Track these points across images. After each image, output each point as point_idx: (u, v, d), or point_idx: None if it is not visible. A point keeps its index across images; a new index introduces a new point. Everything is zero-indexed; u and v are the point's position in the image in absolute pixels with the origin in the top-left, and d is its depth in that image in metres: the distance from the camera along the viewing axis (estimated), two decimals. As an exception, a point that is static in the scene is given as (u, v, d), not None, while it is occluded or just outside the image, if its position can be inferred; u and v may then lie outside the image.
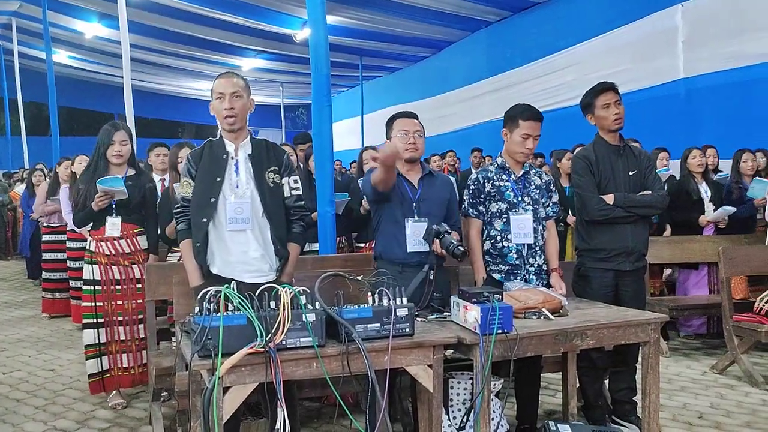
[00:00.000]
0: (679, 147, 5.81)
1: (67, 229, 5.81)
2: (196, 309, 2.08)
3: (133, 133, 5.39)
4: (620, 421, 3.35)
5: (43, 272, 6.62)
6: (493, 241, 3.10)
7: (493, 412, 2.80)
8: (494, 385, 2.80)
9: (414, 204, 2.90)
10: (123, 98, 6.32)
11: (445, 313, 2.69)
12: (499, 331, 2.37)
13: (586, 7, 8.97)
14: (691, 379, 4.29)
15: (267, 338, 2.05)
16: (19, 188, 10.17)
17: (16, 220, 10.84)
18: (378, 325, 2.27)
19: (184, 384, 2.67)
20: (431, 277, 2.82)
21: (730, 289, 4.37)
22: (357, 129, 15.44)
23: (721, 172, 5.64)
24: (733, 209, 5.06)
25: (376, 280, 2.39)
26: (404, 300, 2.32)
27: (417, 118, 3.02)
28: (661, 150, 5.75)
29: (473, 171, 7.77)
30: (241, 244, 2.63)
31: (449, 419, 2.78)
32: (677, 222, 5.28)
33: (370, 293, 2.33)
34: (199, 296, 2.08)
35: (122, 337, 3.72)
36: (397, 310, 2.29)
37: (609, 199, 3.26)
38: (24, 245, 9.01)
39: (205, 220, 2.61)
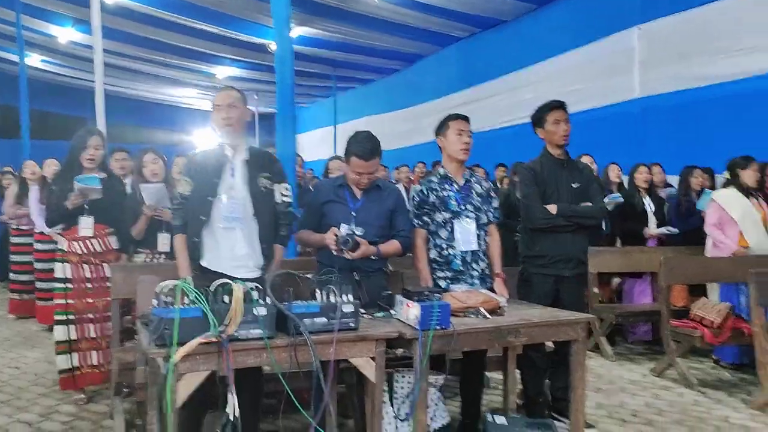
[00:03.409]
0: (633, 163, 6.14)
1: (36, 231, 5.90)
2: (154, 302, 2.25)
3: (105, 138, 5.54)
4: (558, 417, 3.57)
5: (11, 273, 6.68)
6: (438, 249, 3.31)
7: (435, 404, 3.02)
8: (436, 380, 3.00)
9: (352, 213, 3.10)
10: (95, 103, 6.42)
11: (391, 312, 2.89)
12: (438, 327, 2.58)
13: (550, 26, 9.31)
14: (631, 380, 4.55)
15: (220, 329, 2.23)
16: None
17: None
18: (325, 319, 2.46)
19: (144, 377, 2.84)
20: (357, 279, 3.02)
21: (668, 296, 4.66)
22: (330, 139, 15.64)
23: (672, 186, 5.95)
24: (675, 230, 5.37)
25: (324, 279, 2.57)
26: (350, 297, 2.52)
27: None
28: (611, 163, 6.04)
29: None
30: (230, 241, 2.87)
31: (394, 411, 2.98)
32: (625, 233, 5.58)
33: (318, 290, 2.53)
34: (156, 290, 2.25)
35: (92, 335, 3.87)
36: (342, 306, 2.49)
37: (552, 208, 3.51)
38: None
39: (203, 217, 2.86)
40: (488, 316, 2.84)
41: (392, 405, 2.96)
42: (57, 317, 3.87)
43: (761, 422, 3.72)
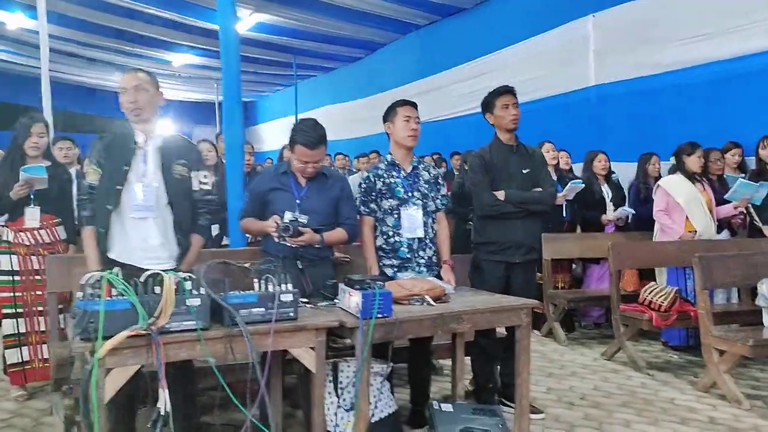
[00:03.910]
0: (587, 150, 6.20)
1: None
2: (79, 294, 2.17)
3: (51, 126, 5.35)
4: (507, 402, 3.59)
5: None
6: (385, 236, 3.28)
7: (381, 393, 2.99)
8: (382, 368, 2.97)
9: (296, 201, 3.03)
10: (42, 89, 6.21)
11: (335, 300, 2.85)
12: (379, 316, 2.54)
13: (507, 14, 9.32)
14: (582, 365, 4.60)
15: (149, 321, 2.15)
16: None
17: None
18: (263, 309, 2.40)
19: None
20: (300, 267, 2.99)
21: (618, 281, 4.72)
22: (290, 128, 15.45)
23: (614, 173, 6.03)
24: (632, 210, 5.46)
25: (262, 268, 2.51)
26: (289, 286, 2.47)
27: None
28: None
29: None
30: (142, 231, 2.75)
31: (339, 400, 2.94)
32: (584, 220, 5.63)
33: (256, 279, 2.47)
34: (81, 281, 2.16)
35: (42, 328, 3.76)
36: (281, 295, 2.43)
37: (500, 195, 3.50)
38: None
39: (110, 207, 2.73)
40: (433, 303, 2.82)
41: (337, 395, 2.92)
42: (5, 311, 3.78)
43: (706, 403, 3.79)
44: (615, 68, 7.48)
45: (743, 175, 5.27)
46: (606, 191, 5.67)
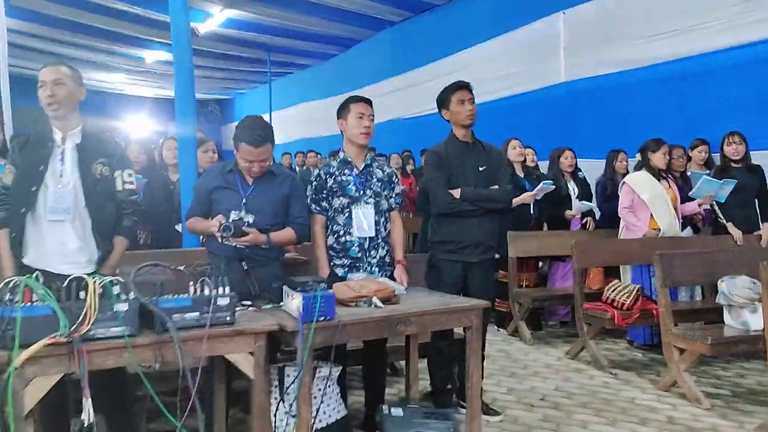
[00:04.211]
0: (559, 146, 6.16)
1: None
2: (-5, 300, 2.05)
3: (9, 122, 5.21)
4: (465, 404, 3.51)
5: None
6: (336, 235, 3.19)
7: (329, 397, 2.90)
8: (331, 372, 2.89)
9: (243, 200, 2.94)
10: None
11: (280, 303, 2.76)
12: (321, 319, 2.46)
13: (479, 11, 9.28)
14: (545, 364, 4.56)
15: (71, 328, 2.04)
16: None
17: None
18: (197, 314, 2.30)
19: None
20: (246, 269, 2.89)
21: (581, 279, 4.69)
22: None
23: (580, 171, 6.00)
24: (590, 204, 5.43)
25: (198, 270, 2.42)
26: (226, 289, 2.37)
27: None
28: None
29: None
30: (58, 235, 2.62)
31: (285, 406, 2.85)
32: (551, 217, 5.59)
33: (191, 283, 2.37)
34: (-1, 286, 2.05)
35: None
36: (217, 299, 2.33)
37: (456, 193, 3.43)
38: None
39: (23, 210, 2.58)
40: (381, 305, 2.74)
41: (283, 400, 2.83)
42: None
43: (666, 403, 3.76)
44: (585, 65, 7.47)
45: (708, 171, 5.27)
46: (572, 188, 5.64)
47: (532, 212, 5.56)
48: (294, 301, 2.49)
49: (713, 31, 6.05)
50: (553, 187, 5.38)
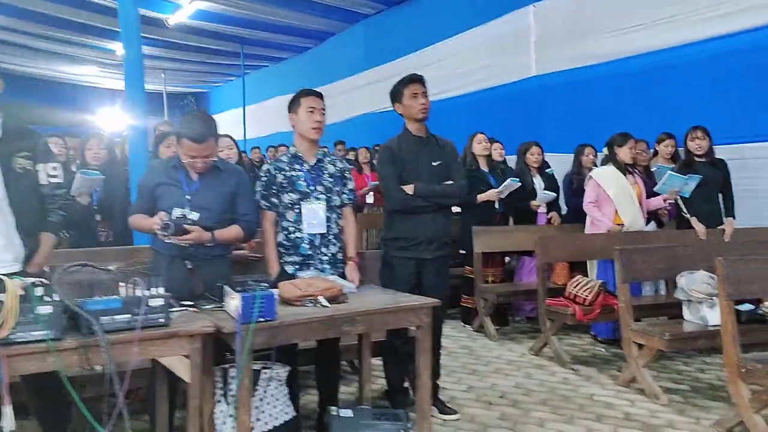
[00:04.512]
0: (530, 140, 6.10)
1: None
2: None
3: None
4: (423, 404, 3.46)
5: None
6: (286, 232, 3.11)
7: (276, 399, 2.82)
8: (278, 373, 2.81)
9: (186, 197, 2.84)
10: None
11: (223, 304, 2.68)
12: (261, 319, 2.38)
13: (452, 4, 9.22)
14: (508, 360, 4.52)
15: (-14, 333, 1.95)
16: None
17: None
18: (128, 316, 2.21)
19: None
20: (190, 267, 2.80)
21: (545, 275, 4.65)
22: (241, 120, 15.13)
23: (549, 168, 5.96)
24: (553, 194, 5.43)
25: (131, 270, 2.33)
26: (160, 290, 2.28)
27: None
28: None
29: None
30: None
31: (229, 409, 2.77)
32: (516, 212, 5.55)
33: (122, 284, 2.28)
34: None
35: None
36: (149, 300, 2.24)
37: (409, 189, 3.36)
38: None
39: None
40: (327, 304, 2.66)
41: (227, 403, 2.75)
42: None
43: (625, 399, 3.74)
44: (555, 58, 7.45)
45: (674, 166, 5.26)
46: (538, 183, 5.60)
47: (497, 207, 5.52)
48: (233, 302, 2.41)
49: (681, 25, 6.04)
50: (519, 184, 5.35)
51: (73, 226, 4.30)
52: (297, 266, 3.09)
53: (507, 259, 5.75)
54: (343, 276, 3.12)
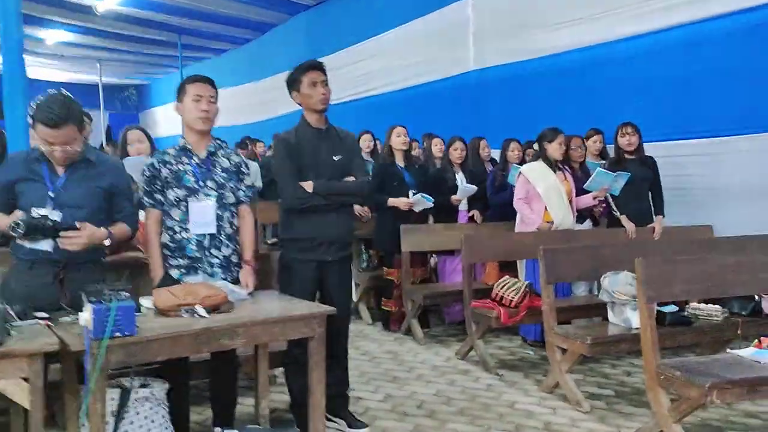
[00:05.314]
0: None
1: None
2: None
3: None
4: (332, 417, 3.20)
5: None
6: (171, 232, 2.80)
7: (152, 422, 2.52)
8: (152, 392, 2.51)
9: (50, 194, 2.51)
10: None
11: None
12: (118, 334, 2.08)
13: (391, -5, 8.99)
14: (432, 366, 4.30)
15: None
16: None
17: None
18: (-51, 334, 1.89)
19: None
20: (61, 276, 2.48)
21: (470, 275, 4.46)
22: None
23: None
24: (474, 187, 5.24)
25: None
26: (-7, 302, 1.96)
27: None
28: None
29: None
30: None
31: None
32: (437, 208, 5.32)
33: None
34: None
35: None
36: (-25, 314, 1.92)
37: (308, 186, 3.08)
38: None
39: None
40: (204, 314, 2.38)
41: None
42: None
43: (547, 407, 3.56)
44: (493, 52, 7.30)
45: (603, 162, 5.13)
46: (460, 179, 5.37)
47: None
48: (85, 315, 2.10)
49: (617, 19, 5.93)
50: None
51: None
52: (183, 270, 2.78)
53: (434, 260, 5.53)
54: (237, 281, 2.83)
